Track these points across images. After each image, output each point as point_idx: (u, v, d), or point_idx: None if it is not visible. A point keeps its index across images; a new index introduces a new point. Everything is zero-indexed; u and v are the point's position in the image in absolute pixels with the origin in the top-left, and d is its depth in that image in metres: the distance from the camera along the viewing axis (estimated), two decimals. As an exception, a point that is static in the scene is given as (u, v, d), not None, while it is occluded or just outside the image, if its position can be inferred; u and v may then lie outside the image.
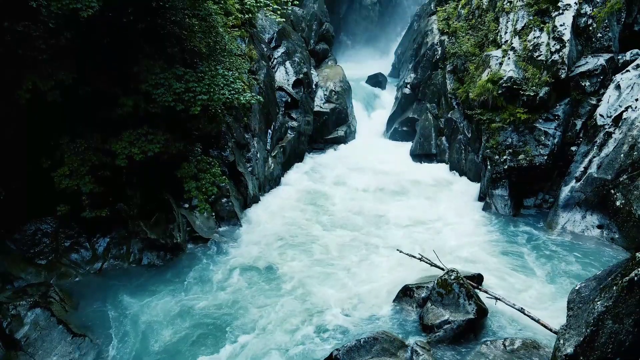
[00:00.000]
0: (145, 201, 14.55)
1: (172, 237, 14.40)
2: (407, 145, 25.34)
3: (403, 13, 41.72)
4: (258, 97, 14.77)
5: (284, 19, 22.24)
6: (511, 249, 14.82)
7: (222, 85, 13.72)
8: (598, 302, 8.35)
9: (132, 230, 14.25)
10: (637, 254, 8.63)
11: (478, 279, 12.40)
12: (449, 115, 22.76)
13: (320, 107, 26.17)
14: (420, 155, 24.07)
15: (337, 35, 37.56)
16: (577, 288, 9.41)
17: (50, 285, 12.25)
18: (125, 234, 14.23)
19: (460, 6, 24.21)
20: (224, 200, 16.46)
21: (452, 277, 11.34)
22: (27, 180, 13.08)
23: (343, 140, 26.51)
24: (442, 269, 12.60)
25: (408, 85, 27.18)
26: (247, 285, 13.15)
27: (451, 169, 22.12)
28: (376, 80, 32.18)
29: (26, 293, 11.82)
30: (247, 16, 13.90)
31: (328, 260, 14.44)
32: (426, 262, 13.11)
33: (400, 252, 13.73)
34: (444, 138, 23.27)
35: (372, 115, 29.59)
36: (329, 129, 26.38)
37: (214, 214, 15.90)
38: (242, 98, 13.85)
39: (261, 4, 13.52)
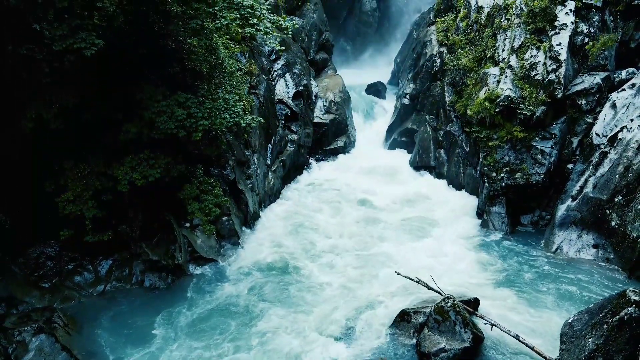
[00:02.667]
0: (147, 222, 14.78)
1: (174, 258, 14.61)
2: (406, 156, 25.54)
3: (403, 20, 41.72)
4: (259, 118, 14.96)
5: (284, 48, 22.53)
6: (508, 270, 15.01)
7: (222, 109, 13.93)
8: (589, 340, 8.60)
9: (134, 252, 14.48)
10: (627, 291, 8.88)
11: (475, 303, 12.60)
12: (448, 128, 22.94)
13: (320, 118, 26.32)
14: (419, 167, 24.28)
15: (336, 41, 37.68)
16: (569, 321, 9.66)
17: (54, 309, 12.49)
18: (127, 255, 14.46)
19: (459, 19, 24.31)
20: (224, 218, 16.59)
21: (449, 305, 11.56)
22: (31, 205, 13.30)
23: (342, 150, 26.67)
24: (439, 293, 12.81)
25: (407, 96, 27.30)
26: (247, 316, 13.10)
27: (449, 182, 22.31)
28: (376, 89, 32.32)
29: (30, 318, 12.06)
30: (248, 31, 14.04)
31: (323, 286, 14.40)
32: (423, 286, 13.31)
33: (398, 274, 13.92)
34: (442, 151, 23.47)
35: (371, 125, 29.74)
36: (328, 139, 26.54)
37: (214, 233, 16.08)
38: (242, 121, 14.07)
39: (261, 31, 13.70)
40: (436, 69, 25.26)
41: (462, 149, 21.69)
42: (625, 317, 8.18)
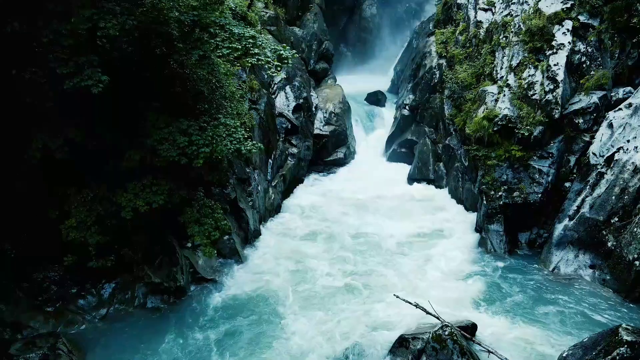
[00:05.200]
0: (150, 245, 14.96)
1: (176, 280, 14.81)
2: (406, 168, 25.73)
3: (403, 27, 41.96)
4: (259, 144, 15.09)
5: (286, 76, 22.74)
6: (506, 292, 15.14)
7: (224, 135, 14.07)
8: (582, 378, 8.81)
9: (136, 275, 14.65)
10: (619, 329, 9.07)
11: (472, 328, 12.79)
12: (447, 142, 23.15)
13: (320, 129, 26.52)
14: (418, 179, 24.48)
15: (336, 47, 37.90)
16: (564, 355, 9.86)
17: (58, 336, 12.64)
18: (130, 278, 14.63)
19: (458, 32, 24.44)
20: (225, 237, 16.77)
21: (447, 333, 11.75)
22: (35, 231, 13.47)
23: (342, 162, 26.89)
24: (437, 318, 12.99)
25: (407, 107, 27.49)
26: (239, 349, 13.16)
27: (449, 193, 22.50)
28: (375, 98, 32.48)
29: (35, 345, 12.24)
30: (251, 59, 14.15)
31: (317, 315, 14.31)
32: (421, 310, 13.49)
33: (397, 297, 14.11)
34: (441, 164, 23.66)
35: (371, 135, 29.93)
36: (328, 151, 26.74)
37: (215, 254, 16.24)
38: (243, 148, 14.20)
39: (262, 62, 13.86)
40: (435, 81, 25.43)
41: (460, 163, 21.88)
42: (618, 358, 8.39)
